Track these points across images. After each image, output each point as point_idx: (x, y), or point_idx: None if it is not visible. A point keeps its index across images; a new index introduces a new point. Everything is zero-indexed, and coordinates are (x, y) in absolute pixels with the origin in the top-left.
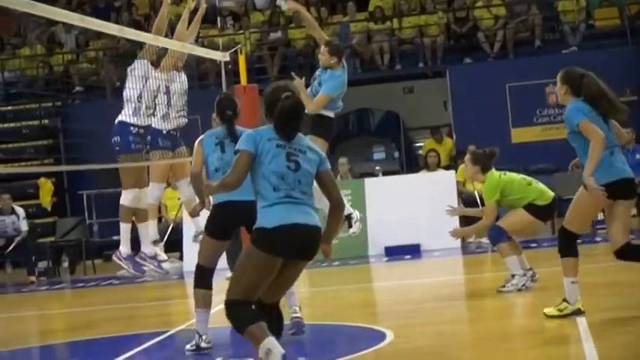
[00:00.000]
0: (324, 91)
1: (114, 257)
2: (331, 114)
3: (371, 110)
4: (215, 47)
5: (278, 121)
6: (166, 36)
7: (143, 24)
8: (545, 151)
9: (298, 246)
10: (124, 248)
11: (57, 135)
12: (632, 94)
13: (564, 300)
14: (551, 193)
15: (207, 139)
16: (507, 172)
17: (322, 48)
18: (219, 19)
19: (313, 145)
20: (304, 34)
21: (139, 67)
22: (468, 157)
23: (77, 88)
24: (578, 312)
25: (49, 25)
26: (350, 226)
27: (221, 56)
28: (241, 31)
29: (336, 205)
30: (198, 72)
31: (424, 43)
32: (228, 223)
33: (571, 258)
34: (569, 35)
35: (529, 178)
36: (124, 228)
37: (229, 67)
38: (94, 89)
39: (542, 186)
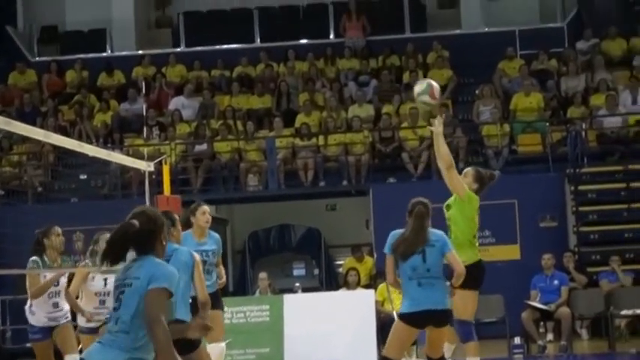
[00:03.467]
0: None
1: None
2: None
3: (293, 226)
4: (140, 156)
5: None
6: None
7: (69, 130)
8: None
9: None
10: None
11: None
12: (552, 220)
13: None
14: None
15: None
16: None
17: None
18: (145, 128)
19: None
20: (229, 147)
21: None
22: (472, 170)
23: None
24: None
25: None
26: None
27: (145, 166)
28: (167, 142)
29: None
30: (122, 180)
31: (349, 161)
32: None
33: None
34: (493, 159)
35: None
36: None
37: (153, 177)
38: (16, 193)
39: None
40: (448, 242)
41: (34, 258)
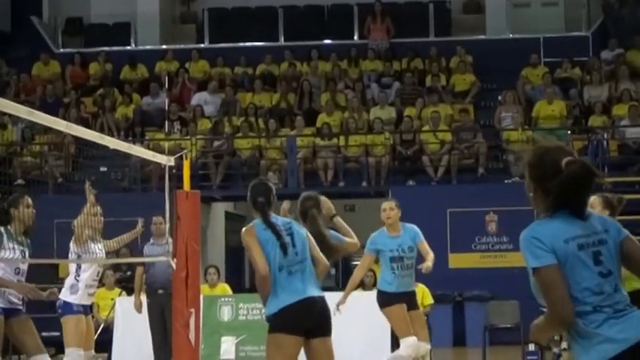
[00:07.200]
0: None
1: None
2: None
3: None
4: (160, 151)
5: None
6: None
7: (90, 122)
8: (481, 278)
9: None
10: None
11: None
12: None
13: None
14: None
15: (261, 232)
16: None
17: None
18: (166, 122)
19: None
20: (250, 144)
21: None
22: (597, 199)
23: (18, 181)
24: None
25: None
26: None
27: (166, 160)
28: (188, 137)
29: None
30: (142, 174)
31: (369, 162)
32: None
33: None
34: (513, 165)
35: None
36: None
37: (173, 171)
38: (36, 183)
39: None
40: (419, 233)
41: None
